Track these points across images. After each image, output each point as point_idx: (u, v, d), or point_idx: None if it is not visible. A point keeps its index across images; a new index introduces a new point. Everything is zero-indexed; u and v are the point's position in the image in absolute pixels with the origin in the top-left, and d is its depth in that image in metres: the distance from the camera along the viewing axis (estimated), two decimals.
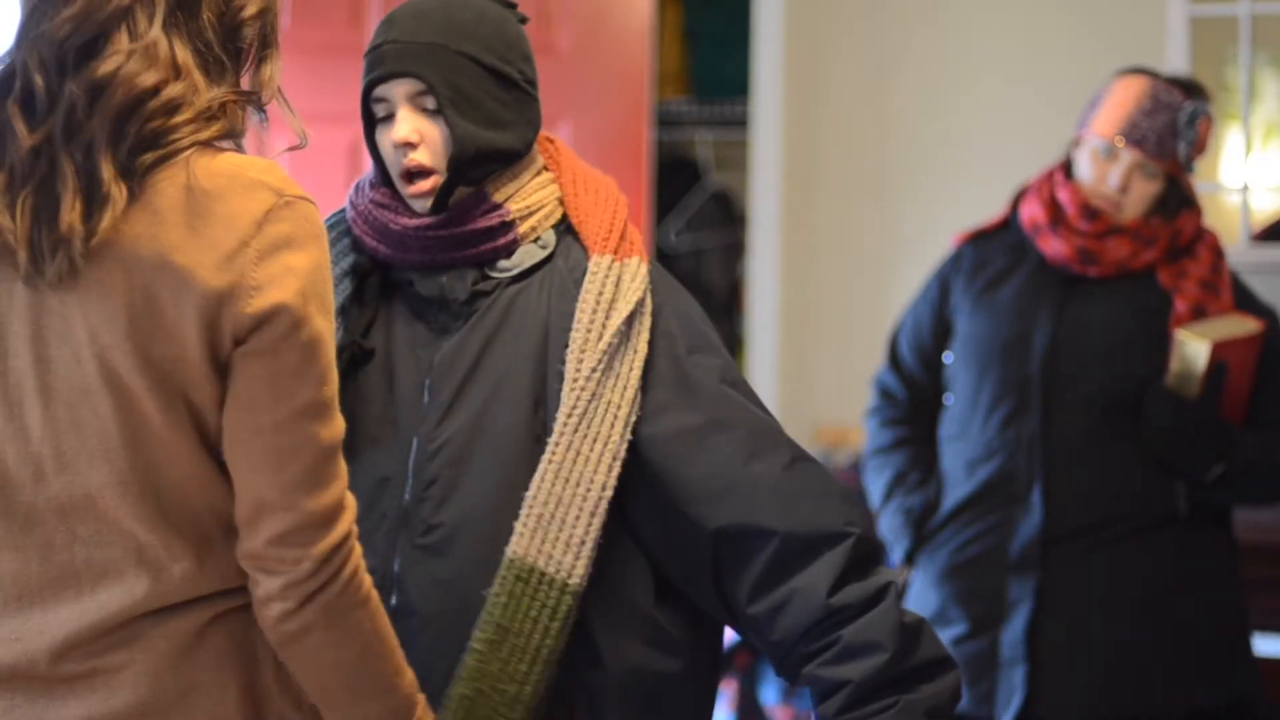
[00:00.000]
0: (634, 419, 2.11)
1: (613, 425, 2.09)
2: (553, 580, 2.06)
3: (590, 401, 2.09)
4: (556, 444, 2.08)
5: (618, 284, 2.14)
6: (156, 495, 1.72)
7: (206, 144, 1.72)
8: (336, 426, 1.78)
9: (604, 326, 2.11)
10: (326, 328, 1.75)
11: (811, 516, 2.10)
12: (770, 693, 4.49)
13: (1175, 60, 4.34)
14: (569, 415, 2.08)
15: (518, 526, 2.06)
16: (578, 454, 2.08)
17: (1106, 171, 3.24)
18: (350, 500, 1.79)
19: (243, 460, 1.73)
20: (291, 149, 1.84)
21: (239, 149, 1.79)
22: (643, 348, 2.13)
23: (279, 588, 1.74)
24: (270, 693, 1.78)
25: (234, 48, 1.77)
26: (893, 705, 2.05)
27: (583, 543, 2.07)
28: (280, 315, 1.70)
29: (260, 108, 1.80)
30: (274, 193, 1.73)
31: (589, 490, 2.07)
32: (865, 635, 2.07)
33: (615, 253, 2.16)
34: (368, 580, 1.82)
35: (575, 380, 2.09)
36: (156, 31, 1.71)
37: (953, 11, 4.64)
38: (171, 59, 1.71)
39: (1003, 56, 4.60)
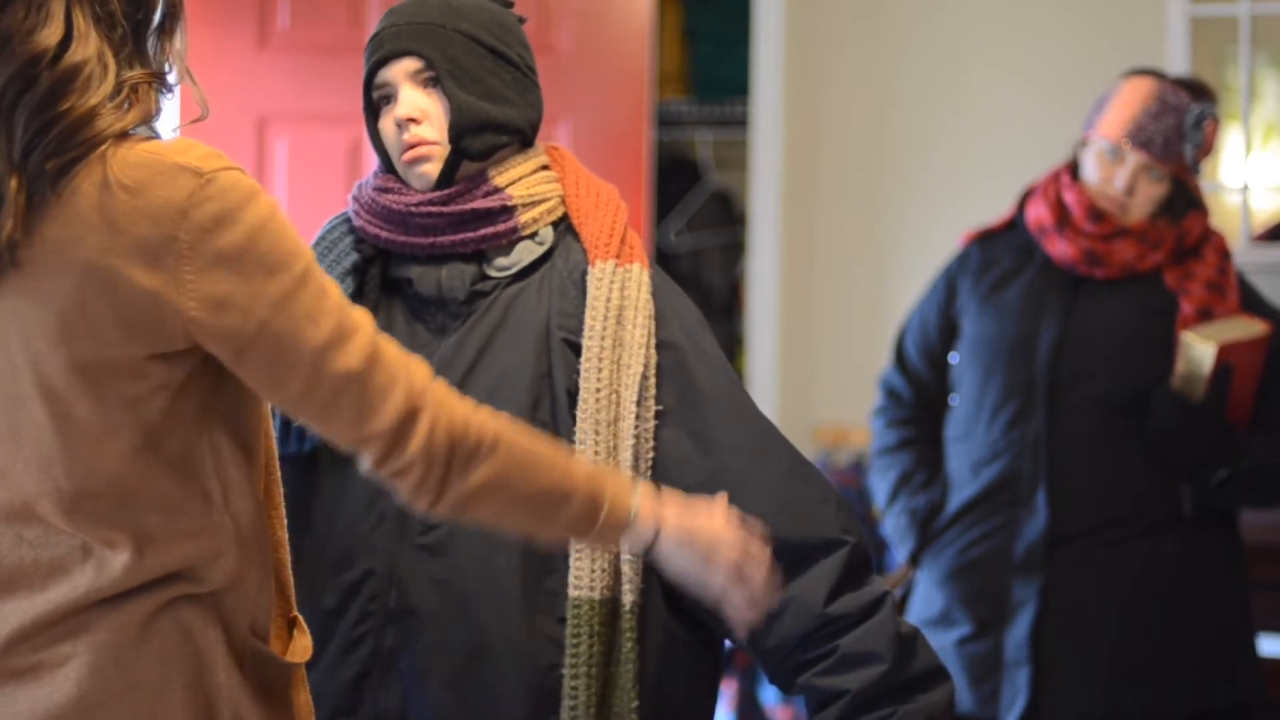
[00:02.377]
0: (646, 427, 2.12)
1: (632, 436, 2.11)
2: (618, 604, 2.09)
3: (611, 410, 2.09)
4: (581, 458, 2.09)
5: (623, 290, 2.15)
6: (94, 498, 1.70)
7: (122, 135, 1.66)
8: (358, 343, 1.72)
9: (616, 336, 2.12)
10: (288, 279, 1.68)
11: (808, 524, 2.11)
12: (770, 693, 4.49)
13: (1175, 60, 4.33)
14: (596, 429, 2.09)
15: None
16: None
17: (1113, 173, 3.24)
18: (416, 381, 1.76)
19: (306, 421, 1.75)
20: (194, 121, 1.76)
21: (153, 133, 1.72)
22: (651, 356, 2.14)
23: (411, 493, 1.77)
24: (221, 691, 1.74)
25: (138, 18, 1.70)
26: (890, 715, 2.06)
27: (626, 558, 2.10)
28: (230, 308, 1.67)
29: (169, 88, 1.74)
30: (193, 174, 1.65)
31: None
32: (863, 645, 2.07)
33: (617, 258, 2.17)
34: (478, 431, 1.79)
35: (598, 390, 2.10)
36: None
37: (953, 11, 4.64)
38: (67, 20, 1.65)
39: (1003, 56, 4.60)
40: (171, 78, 1.74)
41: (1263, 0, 4.42)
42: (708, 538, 1.92)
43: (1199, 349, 3.15)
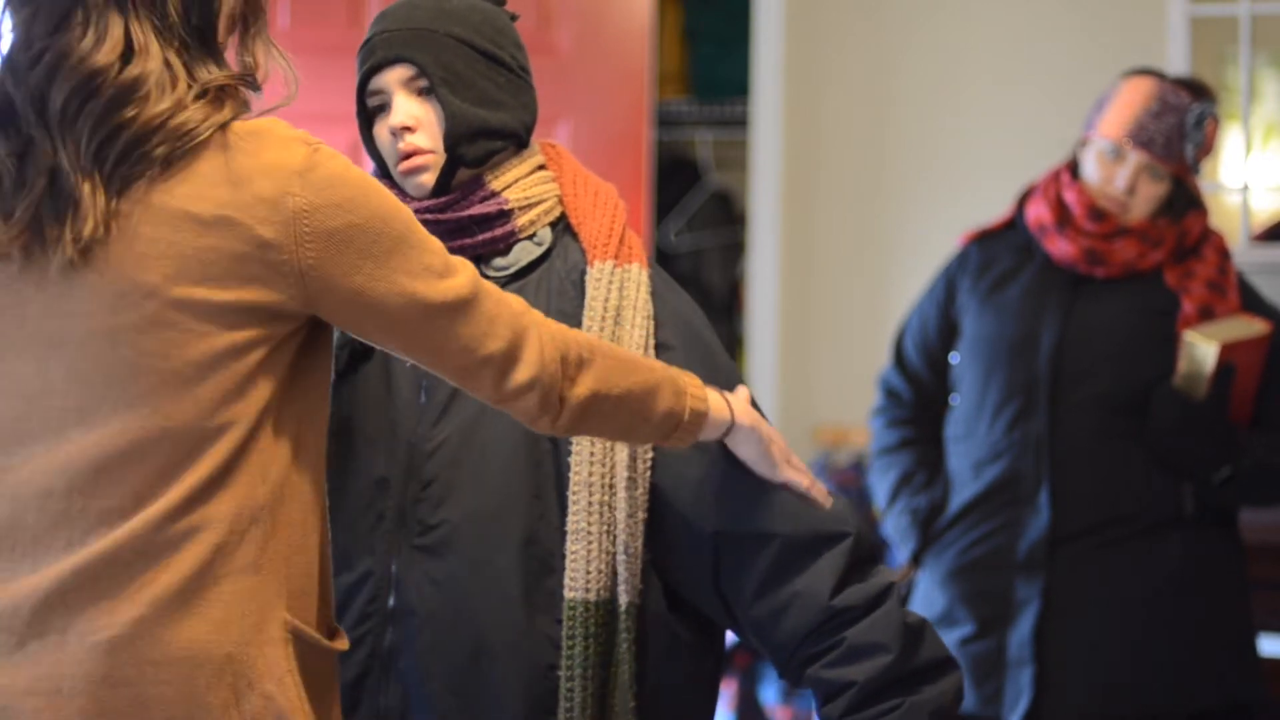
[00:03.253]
0: None
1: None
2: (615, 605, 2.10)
3: None
4: (579, 456, 2.10)
5: (621, 290, 2.15)
6: (152, 445, 1.75)
7: (222, 127, 1.77)
8: (465, 276, 1.83)
9: (614, 336, 2.12)
10: (397, 226, 1.80)
11: (810, 518, 2.10)
12: (770, 693, 4.49)
13: (1175, 60, 4.33)
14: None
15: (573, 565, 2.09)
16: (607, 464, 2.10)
17: (1113, 173, 3.24)
18: (515, 306, 1.86)
19: (418, 356, 1.85)
20: (277, 107, 1.88)
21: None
22: (650, 357, 2.14)
23: (536, 411, 1.87)
24: (257, 666, 1.76)
25: (196, 24, 1.80)
26: (898, 706, 2.05)
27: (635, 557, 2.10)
28: (346, 252, 1.77)
29: (255, 85, 1.85)
30: (304, 143, 1.80)
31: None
32: (869, 636, 2.07)
33: (616, 258, 2.17)
34: (575, 343, 1.89)
35: None
36: (111, 11, 1.74)
37: (953, 11, 4.64)
38: (126, 36, 1.74)
39: (1003, 56, 4.60)
40: (266, 71, 1.88)
41: (1263, 0, 4.42)
42: (767, 428, 2.05)
43: (1201, 348, 3.15)
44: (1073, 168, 3.33)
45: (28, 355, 1.75)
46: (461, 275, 1.83)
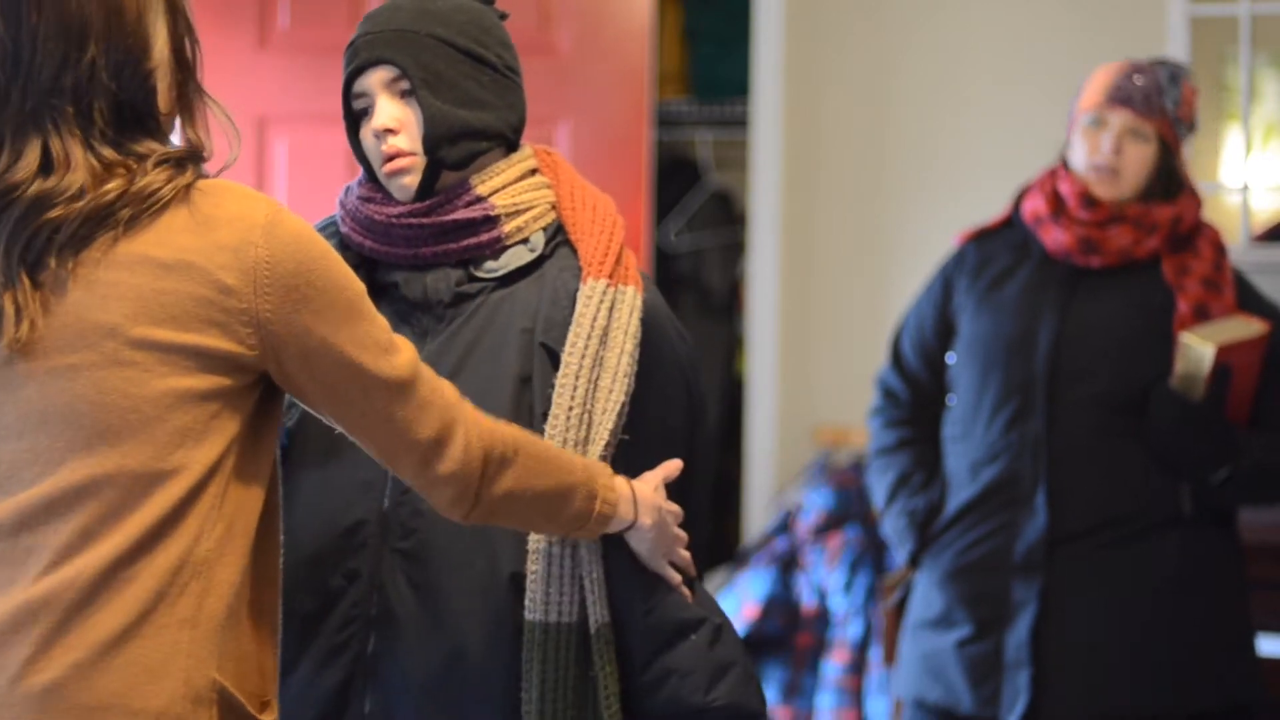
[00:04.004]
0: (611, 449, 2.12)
1: (599, 459, 2.11)
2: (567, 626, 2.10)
3: (581, 431, 2.09)
4: None
5: (612, 312, 2.13)
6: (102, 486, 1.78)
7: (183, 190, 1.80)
8: (405, 359, 1.88)
9: (597, 356, 2.11)
10: (348, 297, 1.84)
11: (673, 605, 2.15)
12: (770, 693, 4.49)
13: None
14: (563, 446, 2.08)
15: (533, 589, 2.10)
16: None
17: (1098, 141, 3.25)
18: (449, 396, 1.92)
19: (350, 431, 1.91)
20: (224, 169, 1.89)
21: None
22: (630, 383, 2.13)
23: (451, 502, 1.94)
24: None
25: (147, 109, 1.83)
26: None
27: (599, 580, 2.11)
28: (301, 313, 1.80)
29: (204, 159, 1.86)
30: (267, 203, 1.82)
31: None
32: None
33: (610, 278, 2.15)
34: (502, 441, 1.95)
35: (570, 409, 2.09)
36: (29, 133, 1.79)
37: (953, 11, 4.64)
38: (44, 152, 1.78)
39: (1003, 56, 4.60)
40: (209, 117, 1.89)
41: (1263, 0, 4.42)
42: (659, 521, 2.13)
43: (1198, 349, 3.15)
44: (1065, 164, 3.34)
45: None
46: (403, 355, 1.88)
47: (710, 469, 2.26)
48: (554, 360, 2.13)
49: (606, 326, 2.12)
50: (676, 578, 2.14)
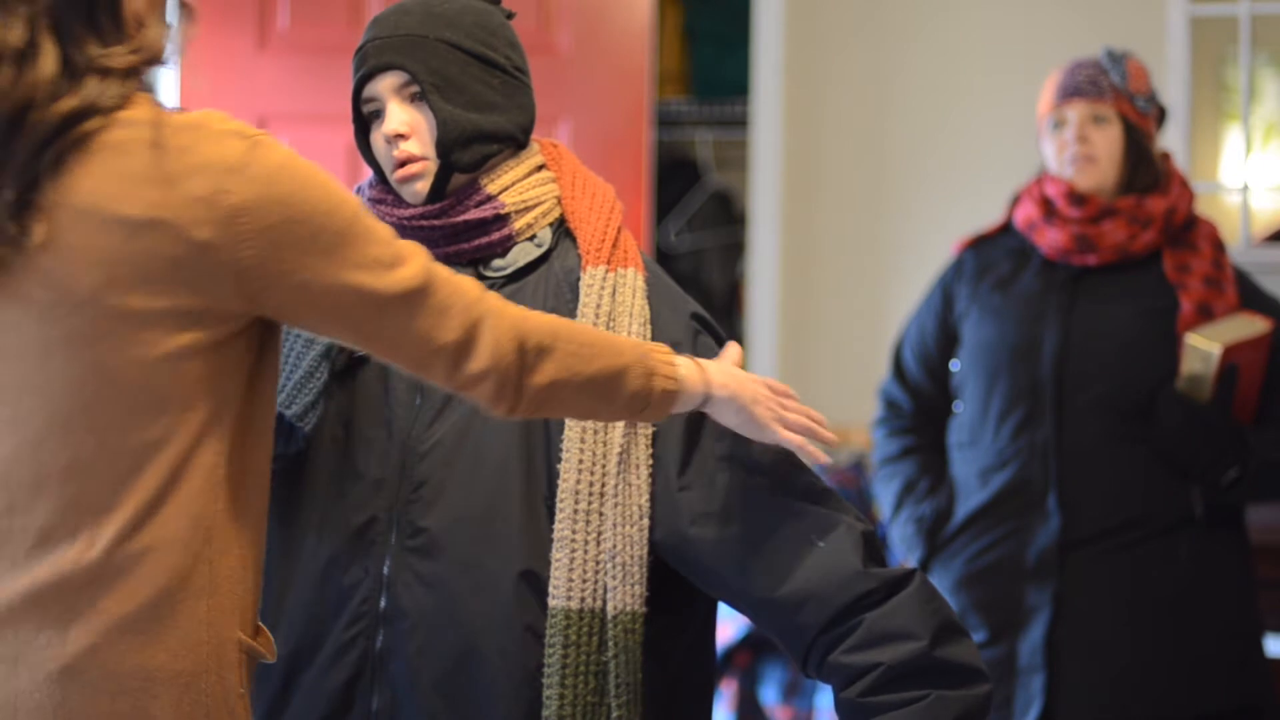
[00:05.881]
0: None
1: (620, 443, 2.10)
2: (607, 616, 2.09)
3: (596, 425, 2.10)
4: (568, 464, 2.09)
5: (614, 295, 2.14)
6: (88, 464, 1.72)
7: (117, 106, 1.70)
8: (414, 266, 1.78)
9: None
10: (340, 219, 1.74)
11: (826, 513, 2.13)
12: (770, 693, 4.49)
13: (1175, 60, 4.34)
14: (583, 434, 2.08)
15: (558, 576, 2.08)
16: (597, 470, 2.10)
17: (1063, 138, 3.29)
18: (470, 293, 1.81)
19: (368, 348, 1.82)
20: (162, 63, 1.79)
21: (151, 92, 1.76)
22: None
23: (491, 401, 1.83)
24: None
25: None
26: (925, 697, 2.01)
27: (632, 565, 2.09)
28: (288, 249, 1.71)
29: (162, 63, 1.76)
30: (240, 137, 1.72)
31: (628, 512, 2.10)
32: (895, 621, 2.04)
33: (609, 263, 2.16)
34: (536, 329, 1.85)
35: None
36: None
37: (953, 12, 4.64)
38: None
39: (1003, 57, 4.60)
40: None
41: (1263, 0, 4.42)
42: (750, 389, 2.03)
43: (1203, 350, 3.14)
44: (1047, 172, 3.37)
45: None
46: (412, 264, 1.78)
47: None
48: None
49: (612, 311, 2.13)
50: (797, 438, 2.08)
